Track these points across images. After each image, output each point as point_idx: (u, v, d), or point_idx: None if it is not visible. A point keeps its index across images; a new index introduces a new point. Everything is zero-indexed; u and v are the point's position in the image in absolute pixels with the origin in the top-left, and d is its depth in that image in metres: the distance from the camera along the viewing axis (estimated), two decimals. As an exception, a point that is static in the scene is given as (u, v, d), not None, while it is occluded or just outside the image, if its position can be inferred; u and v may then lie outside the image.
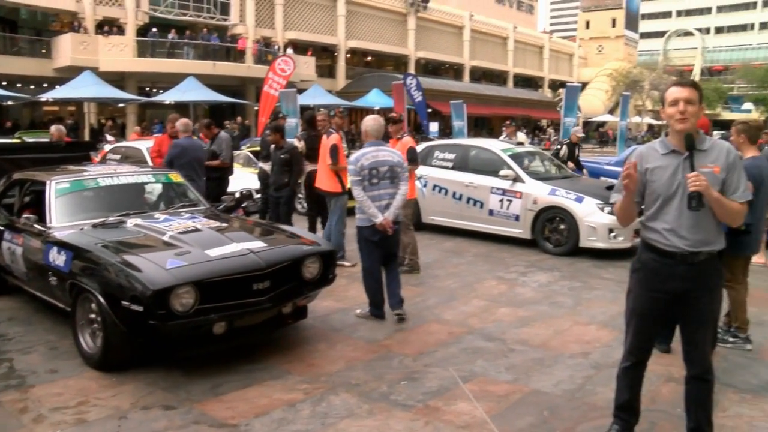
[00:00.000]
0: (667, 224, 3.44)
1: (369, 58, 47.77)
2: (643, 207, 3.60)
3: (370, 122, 6.36)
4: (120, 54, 30.39)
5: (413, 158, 8.02)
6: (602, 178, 12.41)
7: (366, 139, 6.35)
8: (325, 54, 43.01)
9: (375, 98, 37.06)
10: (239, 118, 30.90)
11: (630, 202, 3.52)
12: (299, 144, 9.07)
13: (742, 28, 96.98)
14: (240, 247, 5.12)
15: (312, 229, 9.07)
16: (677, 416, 4.06)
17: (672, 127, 3.42)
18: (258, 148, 12.53)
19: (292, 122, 15.77)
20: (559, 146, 13.88)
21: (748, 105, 54.26)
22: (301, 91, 28.59)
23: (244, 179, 11.86)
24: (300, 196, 11.33)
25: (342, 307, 6.68)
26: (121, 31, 31.65)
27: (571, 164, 12.83)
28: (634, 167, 3.41)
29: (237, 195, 7.90)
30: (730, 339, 5.69)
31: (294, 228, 6.54)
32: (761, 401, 4.59)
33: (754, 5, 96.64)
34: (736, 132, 5.83)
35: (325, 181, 8.46)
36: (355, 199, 6.12)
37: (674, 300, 3.49)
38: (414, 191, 8.43)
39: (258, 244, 5.27)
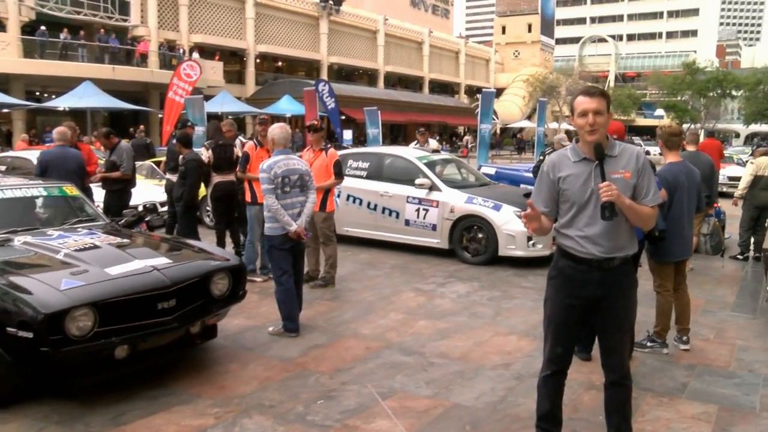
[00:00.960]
0: (581, 231, 3.56)
1: (280, 64, 47.56)
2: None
3: (277, 131, 6.51)
4: (1, 54, 28.60)
5: (339, 172, 8.11)
6: (522, 186, 12.72)
7: (274, 147, 6.50)
8: (233, 59, 42.50)
9: (286, 105, 36.89)
10: (142, 127, 30.10)
11: (539, 227, 3.65)
12: (206, 153, 8.91)
13: (651, 36, 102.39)
14: (143, 264, 4.97)
15: (221, 243, 8.92)
16: (599, 424, 4.19)
17: (582, 137, 3.55)
18: (162, 159, 12.25)
19: (200, 131, 15.48)
20: (542, 156, 13.97)
21: (660, 111, 57.23)
22: (208, 97, 28.15)
23: (148, 192, 11.55)
24: (208, 208, 11.11)
25: (254, 324, 6.59)
26: (2, 27, 29.85)
27: None
28: (531, 208, 3.57)
29: (140, 209, 7.66)
30: (648, 343, 5.95)
31: (201, 243, 6.42)
32: (677, 403, 4.82)
33: (660, 14, 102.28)
34: (657, 137, 6.19)
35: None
36: (267, 207, 6.20)
37: (590, 306, 3.62)
38: (333, 204, 8.44)
39: (162, 261, 5.14)
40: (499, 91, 73.33)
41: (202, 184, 9.10)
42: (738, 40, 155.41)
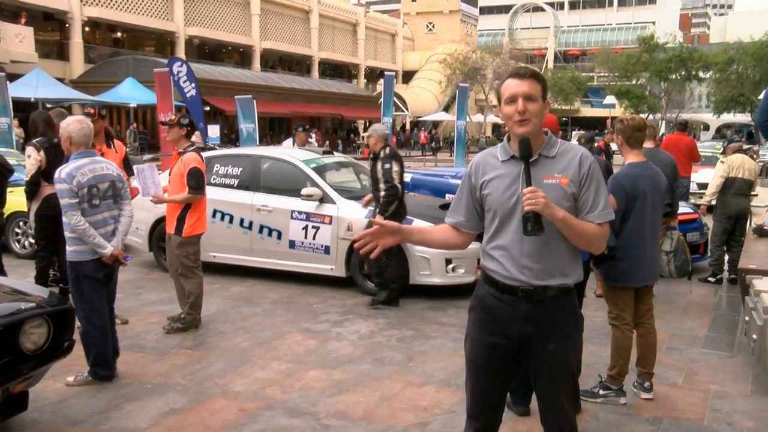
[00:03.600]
0: (505, 250, 3.58)
1: (119, 34, 46.72)
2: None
3: (74, 125, 6.39)
4: None
5: (197, 185, 7.96)
6: (448, 196, 12.77)
7: (71, 148, 6.38)
8: (49, 24, 41.13)
9: (130, 91, 36.24)
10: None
11: (426, 239, 3.79)
12: (37, 156, 8.56)
13: (599, 3, 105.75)
14: None
15: (42, 278, 8.65)
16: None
17: (510, 129, 3.58)
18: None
19: (3, 123, 14.92)
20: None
21: (610, 99, 59.04)
22: (13, 77, 27.18)
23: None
24: (18, 230, 10.71)
25: (84, 387, 6.39)
26: None
27: None
28: (377, 223, 3.68)
29: None
30: (601, 391, 6.11)
31: (8, 279, 6.20)
32: (638, 467, 4.97)
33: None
34: (615, 132, 6.30)
35: None
36: (72, 227, 6.17)
37: (518, 348, 3.63)
38: (204, 224, 8.29)
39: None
40: (409, 75, 74.76)
41: (25, 199, 8.79)
42: (706, 8, 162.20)
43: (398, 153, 9.69)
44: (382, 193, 9.12)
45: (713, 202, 11.13)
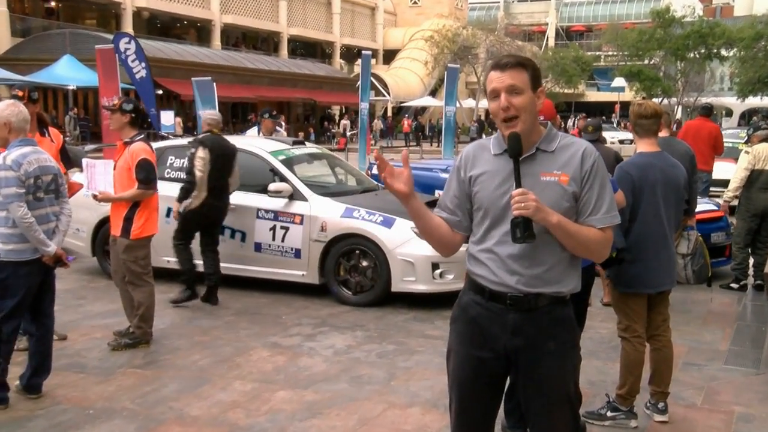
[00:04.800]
0: (494, 253, 3.60)
1: (53, 3, 46.33)
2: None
3: (10, 109, 6.38)
4: None
5: (146, 178, 7.94)
6: (437, 192, 12.75)
7: (10, 136, 6.36)
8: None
9: (67, 71, 36.02)
10: None
11: (425, 218, 3.67)
12: None
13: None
14: None
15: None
16: None
17: (500, 128, 3.61)
18: None
19: None
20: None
21: (619, 81, 58.98)
22: None
23: None
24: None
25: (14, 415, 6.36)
26: None
27: None
28: (380, 158, 3.55)
29: None
30: (608, 413, 6.14)
31: None
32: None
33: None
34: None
35: None
36: (18, 221, 6.14)
37: (507, 363, 3.65)
38: (155, 224, 8.26)
39: None
40: (391, 55, 74.69)
41: None
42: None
43: (217, 138, 9.87)
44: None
45: (735, 201, 11.03)
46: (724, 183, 11.54)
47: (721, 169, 15.09)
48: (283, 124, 16.93)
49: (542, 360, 3.59)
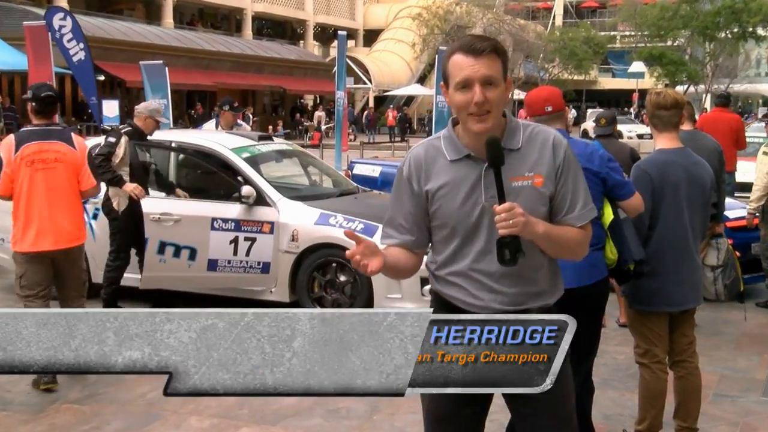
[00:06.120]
0: (469, 275, 3.60)
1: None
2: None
3: None
4: None
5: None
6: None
7: None
8: None
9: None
10: None
11: (395, 266, 3.65)
12: None
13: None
14: None
15: None
16: None
17: (464, 123, 3.57)
18: None
19: None
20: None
21: (638, 65, 59.07)
22: None
23: None
24: None
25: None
26: None
27: None
28: (353, 237, 3.47)
29: None
30: (627, 452, 6.16)
31: None
32: None
33: None
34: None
35: None
36: None
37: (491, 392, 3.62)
38: (40, 240, 8.09)
39: None
40: (373, 36, 74.77)
41: None
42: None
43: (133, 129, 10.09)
44: None
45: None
46: (751, 187, 11.06)
47: (746, 170, 13.93)
48: (251, 117, 16.69)
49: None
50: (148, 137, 10.23)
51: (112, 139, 9.61)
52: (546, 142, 3.56)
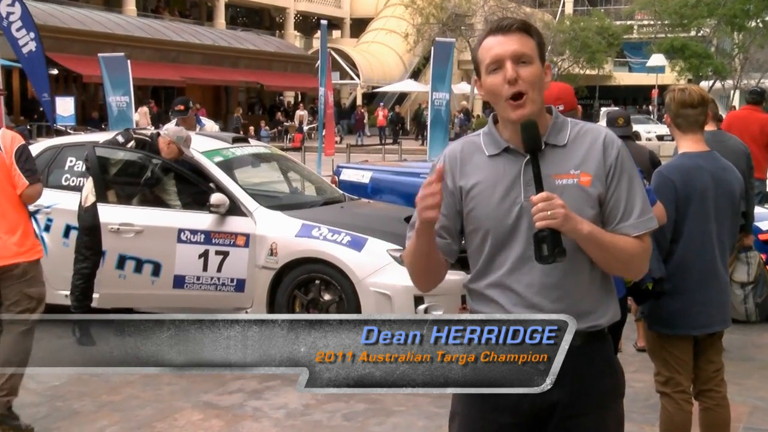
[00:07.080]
0: (504, 287, 3.56)
1: None
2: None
3: None
4: None
5: (32, 168, 7.87)
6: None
7: None
8: None
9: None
10: None
11: (425, 247, 3.54)
12: None
13: None
14: None
15: None
16: None
17: (501, 112, 3.55)
18: None
19: None
20: None
21: (658, 58, 58.93)
22: None
23: None
24: None
25: None
26: None
27: None
28: (438, 176, 3.36)
29: None
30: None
31: None
32: None
33: None
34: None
35: None
36: None
37: (534, 428, 3.61)
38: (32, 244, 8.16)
39: None
40: (361, 26, 74.89)
41: None
42: None
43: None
44: None
45: None
46: None
47: None
48: (205, 119, 16.14)
49: (581, 419, 3.55)
50: None
51: (120, 139, 9.65)
52: (596, 140, 3.53)
